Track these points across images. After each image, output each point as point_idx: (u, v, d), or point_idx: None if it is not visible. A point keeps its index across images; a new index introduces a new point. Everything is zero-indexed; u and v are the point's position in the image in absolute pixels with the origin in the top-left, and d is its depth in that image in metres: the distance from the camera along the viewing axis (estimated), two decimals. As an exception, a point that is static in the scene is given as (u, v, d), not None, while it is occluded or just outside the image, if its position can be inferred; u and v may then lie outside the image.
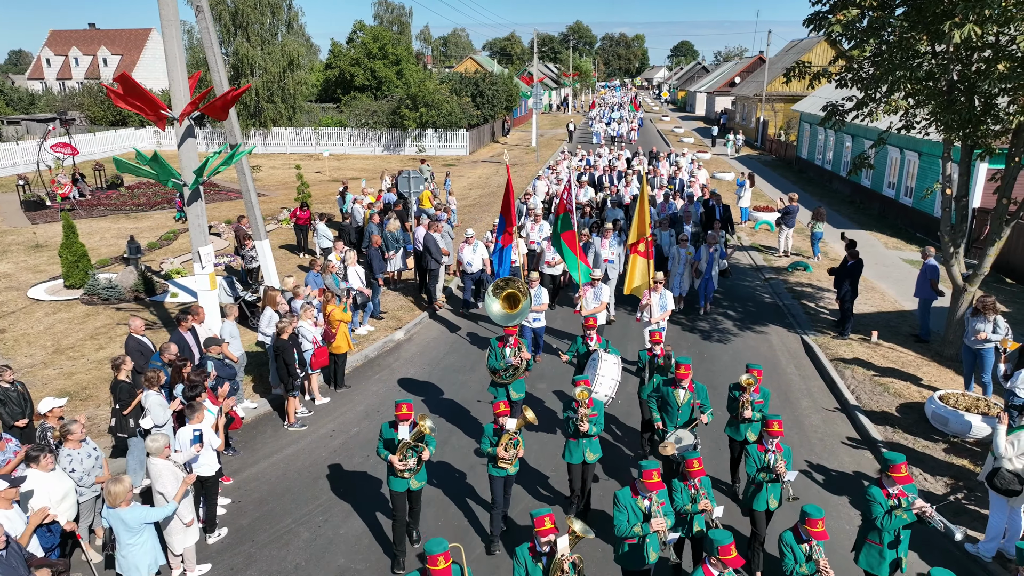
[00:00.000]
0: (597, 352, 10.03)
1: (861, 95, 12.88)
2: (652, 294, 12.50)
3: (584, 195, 23.28)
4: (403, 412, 7.87)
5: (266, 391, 12.24)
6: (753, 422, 8.96)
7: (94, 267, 18.91)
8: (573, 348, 10.59)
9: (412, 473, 7.90)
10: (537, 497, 9.54)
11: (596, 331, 10.43)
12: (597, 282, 13.33)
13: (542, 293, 13.18)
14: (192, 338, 10.57)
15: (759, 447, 7.81)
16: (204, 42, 12.07)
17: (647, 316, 12.61)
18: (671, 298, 12.91)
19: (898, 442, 10.57)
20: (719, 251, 16.25)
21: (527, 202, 20.57)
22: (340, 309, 12.11)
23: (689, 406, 8.85)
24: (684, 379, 8.82)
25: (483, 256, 16.09)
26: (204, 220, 11.81)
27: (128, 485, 6.66)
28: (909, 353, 13.88)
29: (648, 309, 12.52)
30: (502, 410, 7.96)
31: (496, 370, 10.19)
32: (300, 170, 27.35)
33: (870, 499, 6.91)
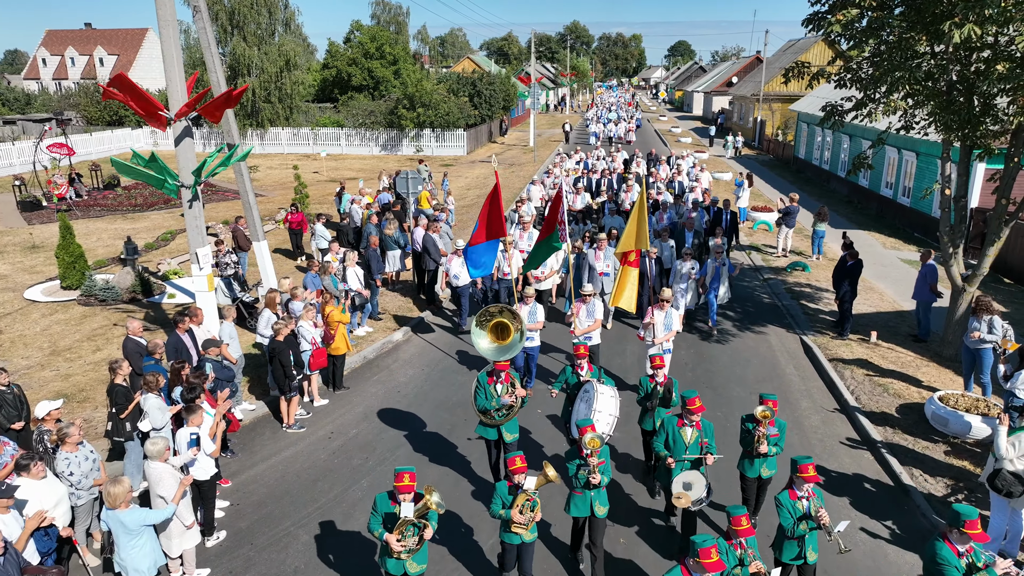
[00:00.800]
0: (590, 383, 8.91)
1: (860, 95, 12.87)
2: (656, 312, 11.53)
3: (581, 201, 22.43)
4: (405, 484, 6.62)
5: (264, 393, 12.19)
6: (768, 457, 8.34)
7: (91, 268, 18.84)
8: (562, 379, 9.54)
9: (410, 553, 6.66)
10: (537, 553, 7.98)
11: (587, 359, 9.47)
12: (590, 298, 11.97)
13: (537, 310, 12.03)
14: (190, 340, 10.51)
15: (791, 494, 6.91)
16: (201, 42, 12.02)
17: (650, 336, 11.62)
18: (677, 317, 11.95)
19: (898, 443, 10.56)
20: (726, 264, 15.09)
21: (519, 210, 19.67)
22: (339, 310, 12.07)
23: (698, 445, 8.07)
24: (694, 416, 8.07)
25: None
26: (202, 221, 11.75)
27: (127, 486, 6.62)
28: (908, 353, 13.87)
29: (652, 328, 11.53)
30: (518, 467, 6.89)
31: (487, 410, 8.84)
32: (298, 170, 27.27)
33: (940, 562, 6.02)
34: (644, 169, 29.84)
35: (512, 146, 53.68)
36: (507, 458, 6.99)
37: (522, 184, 34.14)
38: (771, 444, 8.20)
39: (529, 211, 19.77)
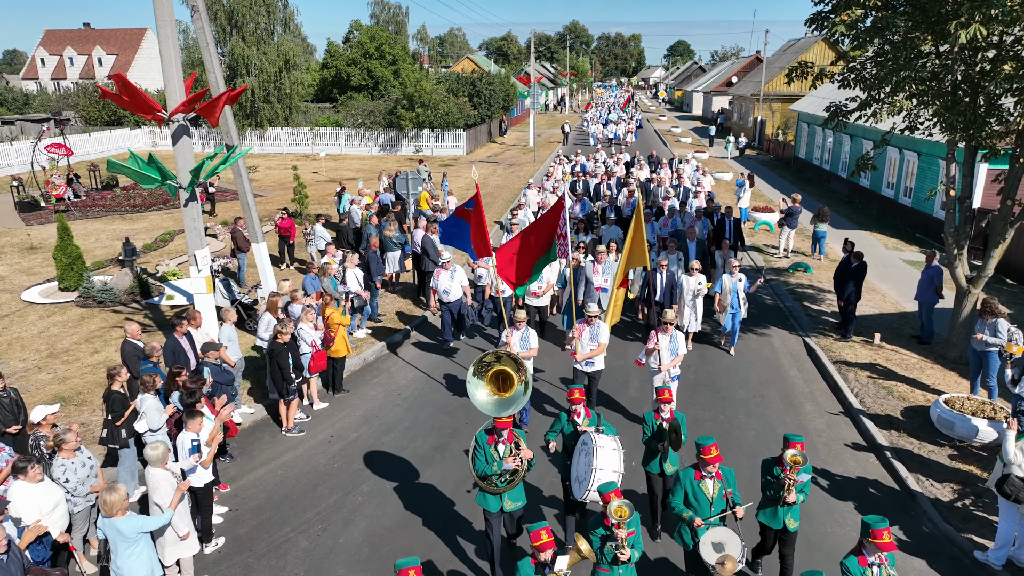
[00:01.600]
0: (587, 435, 7.60)
1: (864, 95, 12.76)
2: (660, 336, 10.42)
3: (580, 209, 20.87)
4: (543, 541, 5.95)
5: (263, 396, 12.08)
6: (794, 506, 7.37)
7: (89, 269, 18.73)
8: (556, 428, 8.32)
9: None
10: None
11: (584, 403, 8.24)
12: (595, 319, 10.51)
13: (530, 336, 10.64)
14: (188, 343, 10.40)
15: (860, 560, 6.07)
16: (200, 42, 11.92)
17: (654, 363, 10.50)
18: (683, 340, 10.77)
19: (903, 446, 10.46)
20: (743, 280, 13.78)
21: (515, 217, 18.45)
22: (338, 313, 11.97)
23: (722, 498, 7.10)
24: (712, 466, 7.12)
25: (462, 283, 14.04)
26: (200, 223, 11.65)
27: (123, 494, 6.51)
28: (912, 355, 13.78)
29: (656, 354, 10.43)
30: (544, 541, 5.94)
31: (486, 476, 7.53)
32: (297, 170, 27.15)
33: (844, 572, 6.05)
34: (647, 172, 28.73)
35: (512, 146, 53.59)
36: (530, 532, 6.11)
37: (522, 184, 34.05)
38: (799, 491, 7.22)
39: (525, 219, 18.59)
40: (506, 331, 10.54)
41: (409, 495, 9.49)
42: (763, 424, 11.39)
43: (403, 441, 10.92)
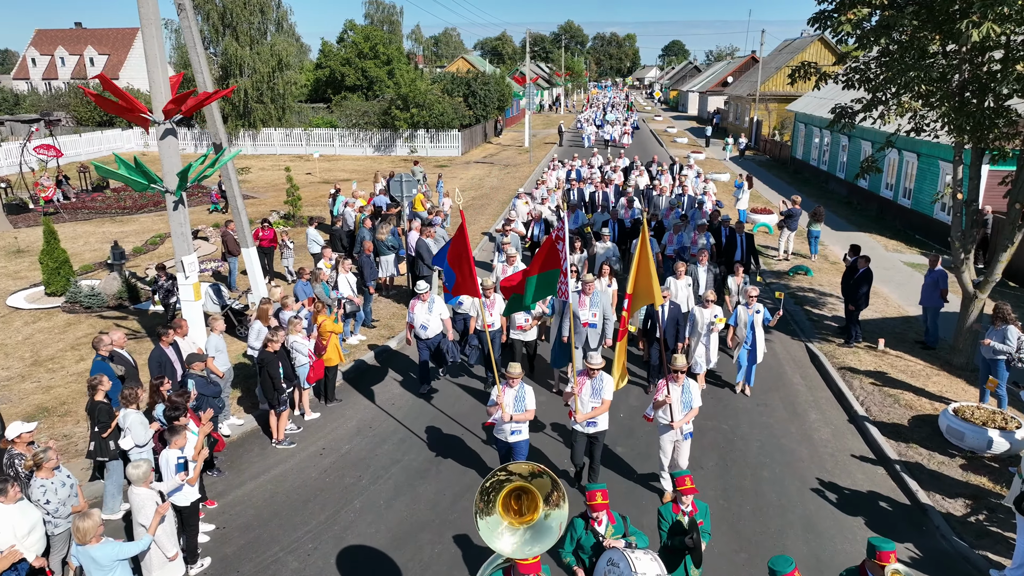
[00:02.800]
0: (617, 553, 5.84)
1: (868, 96, 12.48)
2: (671, 387, 8.73)
3: (573, 221, 18.98)
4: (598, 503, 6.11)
5: (253, 406, 11.71)
6: None
7: (76, 274, 18.36)
8: (572, 540, 6.39)
9: None
10: None
11: (607, 507, 6.38)
12: (597, 372, 8.65)
13: (526, 395, 8.64)
14: (174, 353, 10.04)
15: None
16: (187, 41, 11.57)
17: (663, 418, 8.87)
18: (697, 391, 8.99)
19: (912, 458, 10.16)
20: (761, 312, 11.95)
21: (506, 235, 16.46)
22: (331, 320, 11.62)
23: None
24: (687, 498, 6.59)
25: (442, 315, 12.09)
26: (188, 228, 11.29)
27: (97, 520, 6.16)
28: (917, 362, 13.49)
29: (666, 409, 8.82)
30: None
31: None
32: (290, 172, 26.77)
33: None
34: (646, 179, 26.80)
35: (507, 146, 53.26)
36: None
37: (517, 186, 33.69)
38: None
39: (516, 243, 16.63)
40: (496, 389, 8.62)
41: (403, 511, 9.15)
42: (767, 434, 11.09)
43: (397, 453, 10.58)
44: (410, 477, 9.93)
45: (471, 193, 32.53)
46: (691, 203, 21.09)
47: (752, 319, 11.92)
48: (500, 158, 46.01)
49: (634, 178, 26.95)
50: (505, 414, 8.46)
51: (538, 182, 26.51)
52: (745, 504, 9.26)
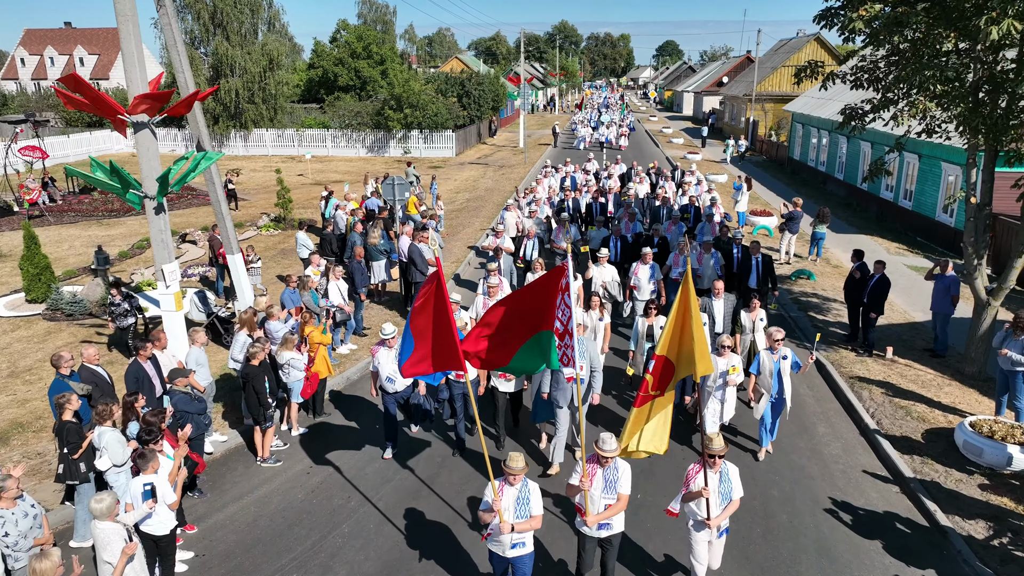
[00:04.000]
0: None
1: (878, 96, 12.02)
2: (708, 474, 6.93)
3: (563, 239, 16.60)
4: None
5: (238, 421, 11.19)
6: None
7: (58, 280, 17.80)
8: None
9: None
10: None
11: None
12: (610, 460, 6.77)
13: (530, 496, 6.57)
14: (153, 368, 9.51)
15: None
16: (167, 39, 11.04)
17: (697, 512, 7.09)
18: (738, 478, 7.11)
19: (928, 475, 9.70)
20: (789, 358, 9.86)
21: (494, 256, 14.50)
22: (319, 331, 11.10)
23: None
24: None
25: None
26: (168, 235, 10.77)
27: (56, 560, 5.64)
28: (928, 371, 13.04)
29: (700, 502, 7.02)
30: None
31: None
32: (280, 173, 26.20)
33: None
34: (646, 187, 24.43)
35: (502, 147, 52.77)
36: None
37: (512, 187, 33.19)
38: None
39: (507, 268, 14.43)
40: (491, 488, 6.58)
41: (394, 536, 8.65)
42: (775, 449, 10.59)
43: (388, 472, 10.07)
44: (401, 498, 9.42)
45: (465, 195, 32.01)
46: (697, 215, 19.29)
47: (778, 367, 9.81)
48: (495, 159, 45.52)
49: (633, 186, 24.77)
50: (504, 524, 6.43)
51: (526, 191, 23.74)
52: (755, 527, 8.78)
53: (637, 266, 13.87)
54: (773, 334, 9.92)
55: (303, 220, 22.20)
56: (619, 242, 15.86)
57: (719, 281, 12.07)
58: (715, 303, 11.89)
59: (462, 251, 21.65)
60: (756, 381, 10.15)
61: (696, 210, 19.86)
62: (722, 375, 9.84)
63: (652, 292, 13.73)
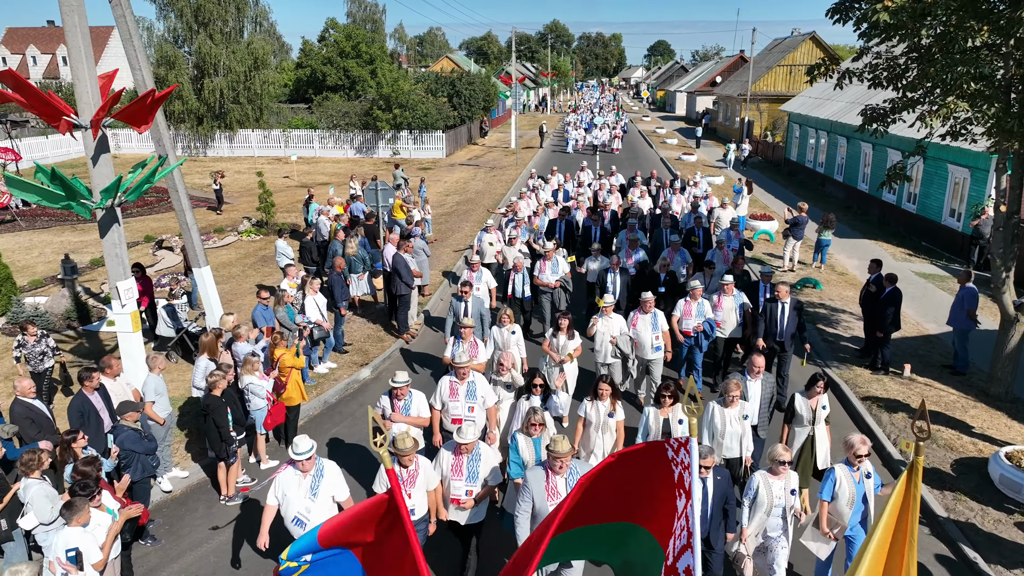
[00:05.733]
0: None
1: (898, 95, 11.12)
2: None
3: (551, 272, 13.69)
4: None
5: (201, 452, 10.18)
6: None
7: (21, 291, 16.77)
8: None
9: None
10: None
11: None
12: None
13: None
14: (101, 400, 8.50)
15: None
16: (120, 32, 10.03)
17: None
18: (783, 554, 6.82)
19: (963, 514, 8.80)
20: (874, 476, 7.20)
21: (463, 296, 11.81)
22: (291, 354, 10.08)
23: None
24: None
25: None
26: (123, 249, 9.77)
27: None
28: (950, 391, 12.15)
29: None
30: None
31: None
32: (262, 176, 25.17)
33: None
34: (649, 201, 21.14)
35: (493, 148, 51.80)
36: None
37: (504, 190, 32.26)
38: None
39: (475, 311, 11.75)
40: None
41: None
42: (791, 482, 9.66)
43: (366, 511, 9.08)
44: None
45: (455, 198, 31.03)
46: (706, 239, 16.23)
47: (862, 490, 6.99)
48: (486, 160, 44.55)
49: (635, 197, 21.55)
50: None
51: (507, 208, 19.81)
52: None
53: (635, 316, 11.05)
54: (856, 446, 6.98)
55: (282, 227, 21.24)
56: (618, 277, 12.98)
57: (759, 356, 8.97)
58: (750, 385, 8.89)
59: (451, 258, 20.66)
60: (829, 512, 7.09)
61: (706, 233, 16.59)
62: (780, 506, 6.86)
63: (656, 349, 11.00)
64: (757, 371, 8.85)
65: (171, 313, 13.81)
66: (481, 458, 7.01)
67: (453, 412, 8.45)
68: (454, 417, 8.42)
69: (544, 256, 14.00)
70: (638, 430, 8.18)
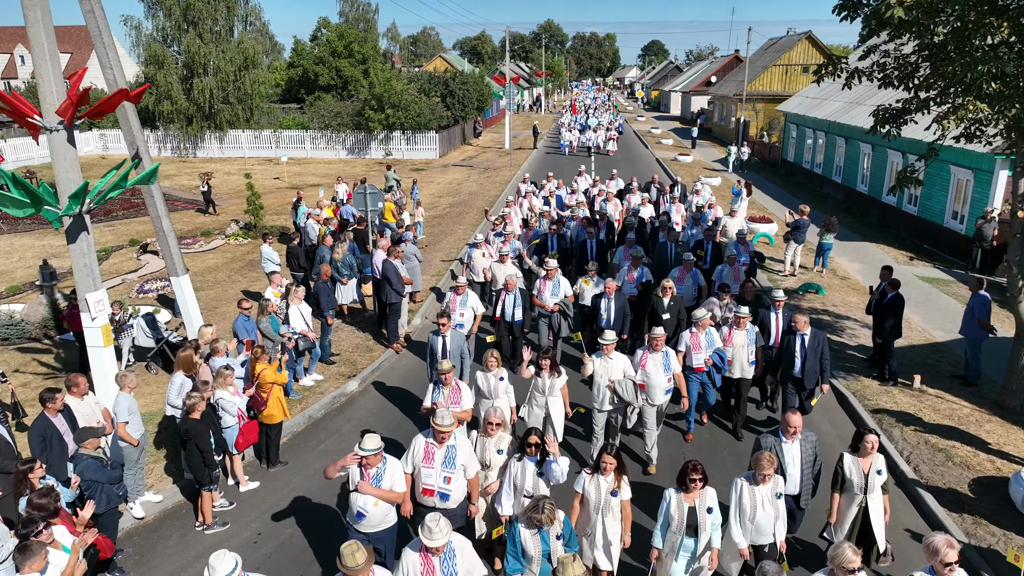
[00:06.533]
0: None
1: (909, 95, 10.62)
2: None
3: (550, 293, 12.19)
4: None
5: (178, 474, 9.60)
6: None
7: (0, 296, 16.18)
8: None
9: None
10: None
11: None
12: None
13: None
14: (66, 423, 7.92)
15: None
16: (90, 29, 9.45)
17: None
18: None
19: (985, 540, 8.30)
20: None
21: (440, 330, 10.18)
22: (272, 369, 9.52)
23: None
24: None
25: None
26: (93, 259, 9.21)
27: None
28: (962, 403, 11.67)
29: None
30: None
31: None
32: (250, 178, 24.58)
33: None
34: (650, 210, 19.43)
35: (487, 148, 51.26)
36: None
37: (497, 192, 31.71)
38: None
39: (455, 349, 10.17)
40: None
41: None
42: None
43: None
44: (367, 574, 7.89)
45: (448, 200, 30.47)
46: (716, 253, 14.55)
47: None
48: (479, 161, 44.01)
49: (636, 203, 20.41)
50: None
51: (496, 222, 17.88)
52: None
53: (644, 355, 9.43)
54: (942, 551, 5.36)
55: (269, 231, 20.69)
56: (612, 304, 11.39)
57: (794, 415, 7.52)
58: (787, 449, 7.53)
59: (443, 264, 20.10)
60: None
61: (714, 247, 14.84)
62: None
63: (667, 392, 9.53)
64: (793, 432, 7.46)
65: (150, 322, 13.25)
66: None
67: (425, 481, 6.95)
68: (425, 487, 6.96)
69: (546, 275, 12.43)
70: (657, 518, 6.98)
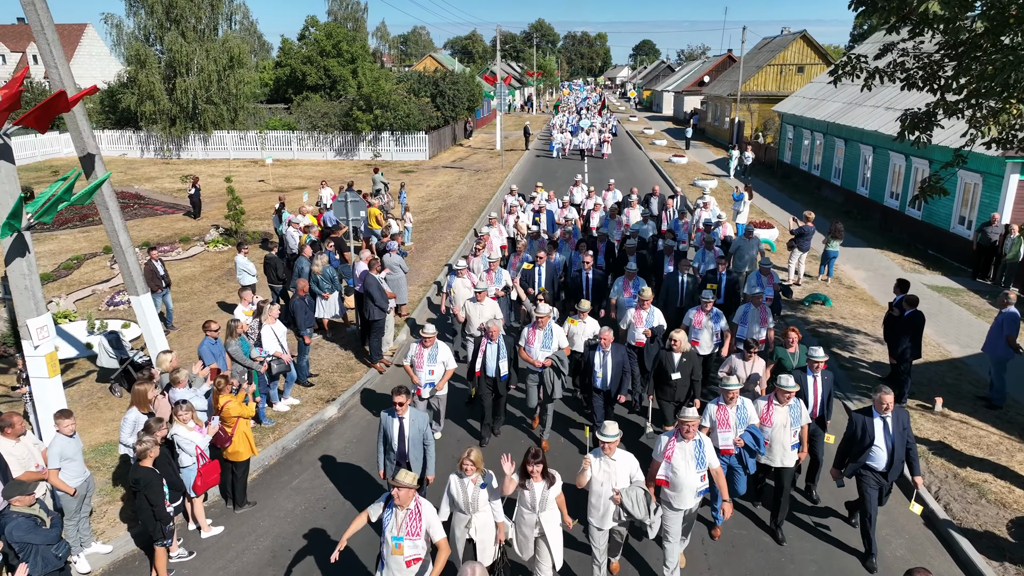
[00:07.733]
0: None
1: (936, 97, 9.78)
2: None
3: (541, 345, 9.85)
4: None
5: (133, 519, 8.64)
6: None
7: (-46, 313, 15.12)
8: None
9: None
10: None
11: None
12: None
13: None
14: (-4, 471, 6.98)
15: None
16: (31, 24, 8.51)
17: None
18: None
19: (1030, 593, 7.46)
20: None
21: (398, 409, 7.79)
22: (238, 401, 8.58)
23: None
24: None
25: None
26: (35, 280, 8.26)
27: None
28: (989, 429, 10.83)
29: None
30: None
31: None
32: (231, 182, 23.57)
33: None
34: (651, 225, 17.16)
35: (478, 149, 50.31)
36: None
37: (489, 195, 30.78)
38: None
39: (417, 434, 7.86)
40: None
41: None
42: (823, 549, 8.32)
43: (325, 595, 7.62)
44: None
45: (438, 203, 29.52)
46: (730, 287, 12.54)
47: None
48: (470, 162, 43.06)
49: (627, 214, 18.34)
50: None
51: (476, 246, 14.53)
52: None
53: (671, 444, 7.06)
54: None
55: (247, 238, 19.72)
56: (609, 360, 9.39)
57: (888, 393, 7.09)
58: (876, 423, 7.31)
59: (431, 272, 19.16)
60: None
61: (729, 278, 12.68)
62: None
63: (700, 493, 7.11)
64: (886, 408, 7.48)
65: (113, 342, 12.28)
66: None
67: None
68: None
69: (535, 323, 9.98)
70: None
